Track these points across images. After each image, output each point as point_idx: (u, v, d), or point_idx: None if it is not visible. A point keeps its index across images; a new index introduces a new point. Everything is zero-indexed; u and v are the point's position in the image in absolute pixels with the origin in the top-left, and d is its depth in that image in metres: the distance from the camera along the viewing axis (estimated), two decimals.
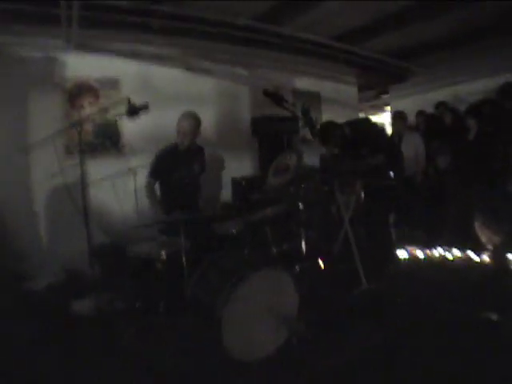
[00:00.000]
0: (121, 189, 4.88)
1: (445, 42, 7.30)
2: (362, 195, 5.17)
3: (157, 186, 4.44)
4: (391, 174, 5.20)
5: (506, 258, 4.37)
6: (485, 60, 7.60)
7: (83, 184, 3.68)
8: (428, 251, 5.12)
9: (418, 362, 2.88)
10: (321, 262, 4.37)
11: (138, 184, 4.71)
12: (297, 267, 4.06)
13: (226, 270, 3.26)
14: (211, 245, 3.86)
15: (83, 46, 5.19)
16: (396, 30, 6.64)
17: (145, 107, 3.51)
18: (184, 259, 3.25)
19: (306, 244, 4.23)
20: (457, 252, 4.93)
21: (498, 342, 3.02)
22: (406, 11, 5.95)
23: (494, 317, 3.35)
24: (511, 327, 3.18)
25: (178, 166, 4.35)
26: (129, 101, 3.46)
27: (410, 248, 5.20)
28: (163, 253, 3.40)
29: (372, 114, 12.15)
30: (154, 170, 4.39)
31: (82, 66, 5.26)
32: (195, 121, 4.37)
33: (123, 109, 3.73)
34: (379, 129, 7.00)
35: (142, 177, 4.56)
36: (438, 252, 5.07)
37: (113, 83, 5.42)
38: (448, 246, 5.03)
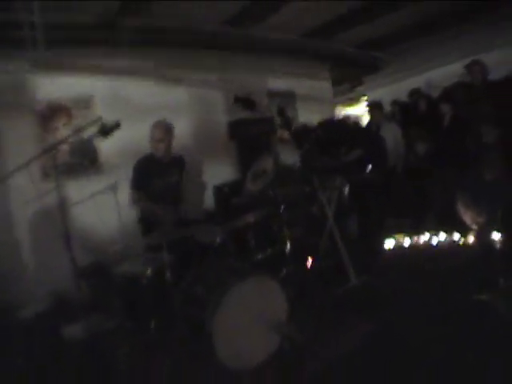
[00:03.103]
0: (102, 206, 4.83)
1: (413, 30, 7.37)
2: (346, 190, 5.19)
3: None
4: (370, 166, 5.24)
5: (491, 238, 4.42)
6: (455, 44, 7.68)
7: (62, 206, 3.62)
8: (415, 238, 5.14)
9: (415, 353, 2.90)
10: (308, 262, 4.39)
11: (119, 200, 4.68)
12: (283, 270, 4.06)
13: (212, 282, 3.27)
14: (196, 256, 3.85)
15: (51, 67, 5.12)
16: (364, 21, 6.69)
17: (117, 126, 3.46)
18: (169, 274, 3.24)
19: (291, 245, 4.23)
20: (443, 236, 4.96)
21: (490, 321, 3.05)
22: (372, 3, 6.00)
23: (484, 297, 3.38)
24: (500, 306, 3.22)
25: (155, 176, 4.36)
26: (101, 121, 3.42)
27: (397, 237, 5.22)
28: (149, 270, 3.40)
29: (348, 107, 12.20)
30: (134, 181, 4.38)
31: (52, 87, 5.18)
32: (166, 127, 4.41)
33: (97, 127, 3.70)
34: (354, 125, 7.05)
35: (123, 192, 4.52)
36: (424, 238, 5.09)
37: (85, 101, 5.36)
38: (434, 230, 5.06)
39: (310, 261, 4.42)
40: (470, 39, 7.37)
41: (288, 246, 4.22)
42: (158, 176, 4.40)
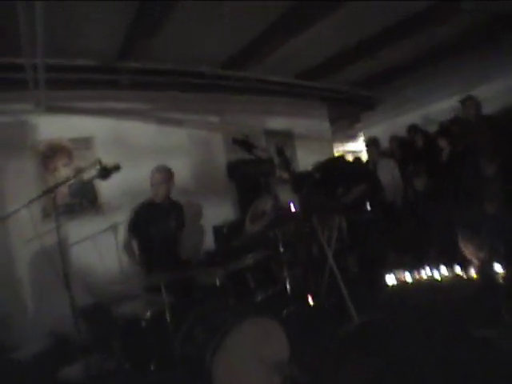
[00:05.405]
0: (103, 247, 4.83)
1: (407, 66, 7.51)
2: (345, 229, 5.20)
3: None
4: (369, 204, 5.27)
5: (493, 271, 4.40)
6: (450, 78, 7.81)
7: (61, 246, 3.62)
8: (416, 274, 5.11)
9: None
10: (309, 302, 4.36)
11: (119, 241, 4.68)
12: (284, 311, 4.03)
13: (212, 323, 3.24)
14: (196, 298, 3.83)
15: (53, 108, 5.22)
16: (358, 60, 6.82)
17: (116, 168, 3.49)
18: (169, 316, 3.22)
19: (291, 286, 4.21)
20: (445, 271, 4.93)
21: (494, 358, 3.02)
22: (366, 42, 6.14)
23: (488, 333, 3.34)
24: (504, 342, 3.18)
25: (154, 221, 4.39)
26: (100, 163, 3.45)
27: (398, 273, 5.19)
28: (148, 312, 3.38)
29: (346, 144, 12.28)
30: (130, 225, 4.43)
31: (53, 127, 5.27)
32: (167, 173, 4.46)
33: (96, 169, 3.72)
34: (351, 164, 7.10)
35: (123, 233, 4.54)
36: (426, 273, 5.06)
37: (86, 142, 5.43)
38: (436, 265, 5.04)
39: (310, 300, 4.39)
40: (464, 73, 7.50)
41: (288, 286, 4.20)
42: (157, 221, 4.42)
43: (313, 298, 4.41)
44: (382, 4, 4.91)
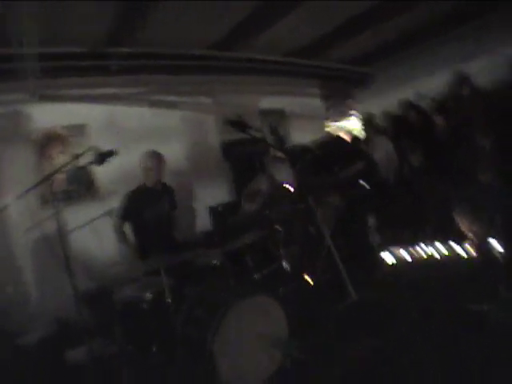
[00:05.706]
0: (101, 232, 4.87)
1: (398, 43, 7.48)
2: (341, 206, 5.22)
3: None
4: (364, 181, 5.29)
5: (490, 245, 4.44)
6: (441, 53, 7.78)
7: (61, 232, 3.65)
8: (413, 250, 5.15)
9: (417, 367, 2.90)
10: (306, 279, 4.40)
11: None
12: (281, 289, 4.07)
13: (211, 303, 3.30)
14: (195, 278, 3.89)
15: (46, 96, 5.22)
16: (349, 37, 6.79)
17: (111, 154, 3.50)
18: (170, 298, 3.27)
19: (288, 264, 4.25)
20: (441, 246, 4.97)
21: (491, 332, 3.07)
22: (356, 19, 6.11)
23: (484, 307, 3.39)
24: (500, 315, 3.23)
25: (148, 205, 4.46)
26: (95, 149, 3.46)
27: (395, 250, 5.22)
28: (148, 294, 3.44)
29: (339, 122, 12.21)
30: (122, 211, 4.49)
31: (47, 116, 5.27)
32: (157, 157, 4.54)
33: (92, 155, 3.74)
34: (346, 142, 7.10)
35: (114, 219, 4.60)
36: (423, 249, 5.10)
37: (80, 129, 5.45)
38: (432, 241, 5.07)
39: (308, 278, 4.44)
40: (455, 47, 7.47)
41: (285, 264, 4.24)
42: (150, 205, 4.49)
43: (310, 276, 4.47)
44: None
